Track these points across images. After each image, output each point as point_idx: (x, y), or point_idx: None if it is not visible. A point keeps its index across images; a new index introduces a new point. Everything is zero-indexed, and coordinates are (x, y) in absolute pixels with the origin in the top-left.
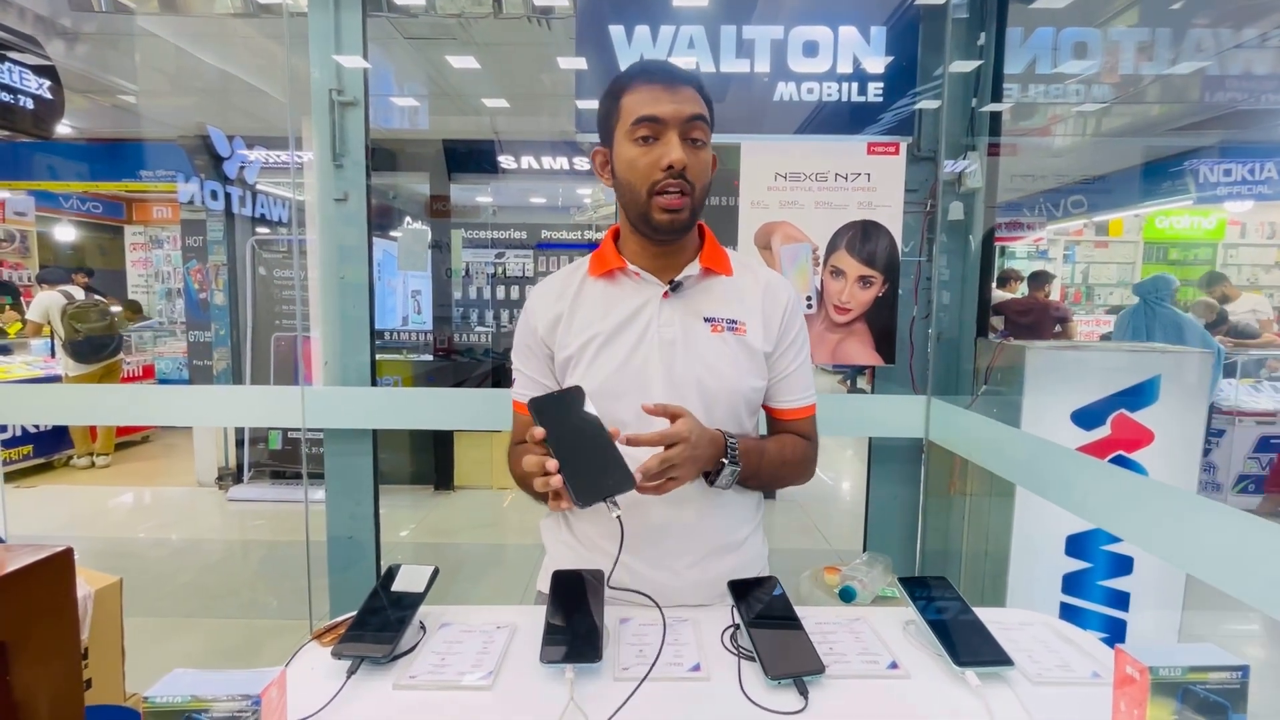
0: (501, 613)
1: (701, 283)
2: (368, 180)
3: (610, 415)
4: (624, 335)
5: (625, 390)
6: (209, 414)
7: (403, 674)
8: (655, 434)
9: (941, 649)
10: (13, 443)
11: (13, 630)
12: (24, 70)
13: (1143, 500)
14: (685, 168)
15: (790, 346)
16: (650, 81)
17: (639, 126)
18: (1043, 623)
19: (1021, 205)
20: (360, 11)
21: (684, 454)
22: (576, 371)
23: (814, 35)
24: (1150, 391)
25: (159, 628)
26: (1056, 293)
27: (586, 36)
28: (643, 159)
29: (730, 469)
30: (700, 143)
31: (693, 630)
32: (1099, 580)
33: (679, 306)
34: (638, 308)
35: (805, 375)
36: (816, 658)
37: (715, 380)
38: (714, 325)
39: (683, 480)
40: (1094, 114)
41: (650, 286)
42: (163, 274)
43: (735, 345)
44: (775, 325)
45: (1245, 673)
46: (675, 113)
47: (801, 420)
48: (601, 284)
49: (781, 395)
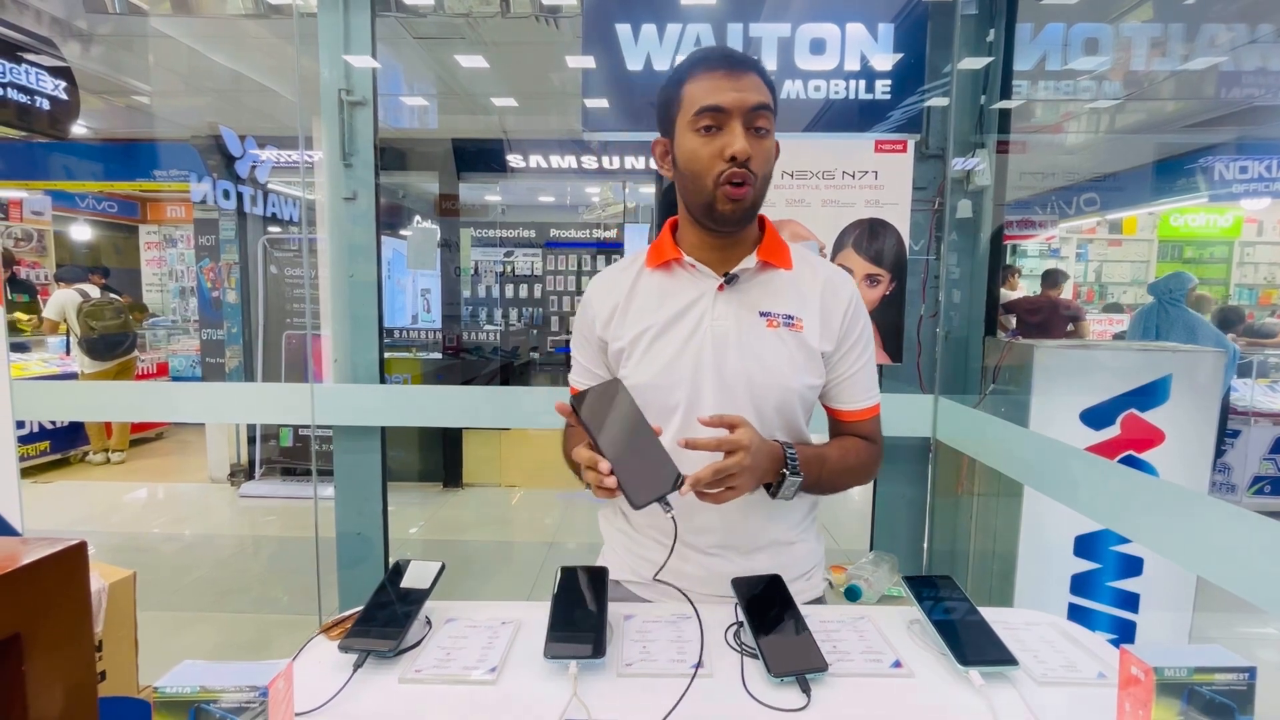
0: (507, 608)
1: (759, 276)
2: (376, 179)
3: (661, 408)
4: (677, 328)
5: (676, 384)
6: (221, 411)
7: (408, 668)
8: (714, 440)
9: (946, 648)
10: (30, 439)
11: (27, 622)
12: (40, 72)
13: (1152, 501)
14: (750, 158)
15: (854, 345)
16: (712, 69)
17: (702, 116)
18: (1049, 623)
19: (1033, 203)
20: (369, 12)
21: (742, 463)
22: (629, 364)
23: (821, 33)
24: (1161, 391)
25: (172, 621)
26: (1069, 291)
27: (593, 35)
28: (705, 149)
29: (792, 480)
30: (764, 131)
31: (697, 627)
32: (1108, 581)
33: (734, 300)
34: (692, 300)
35: (869, 375)
36: (820, 655)
37: (767, 376)
38: (770, 320)
39: (741, 491)
40: (1107, 111)
41: (706, 279)
42: (176, 273)
43: (791, 342)
44: (836, 324)
45: (1252, 674)
46: (738, 101)
47: (865, 422)
48: (658, 276)
49: (844, 396)
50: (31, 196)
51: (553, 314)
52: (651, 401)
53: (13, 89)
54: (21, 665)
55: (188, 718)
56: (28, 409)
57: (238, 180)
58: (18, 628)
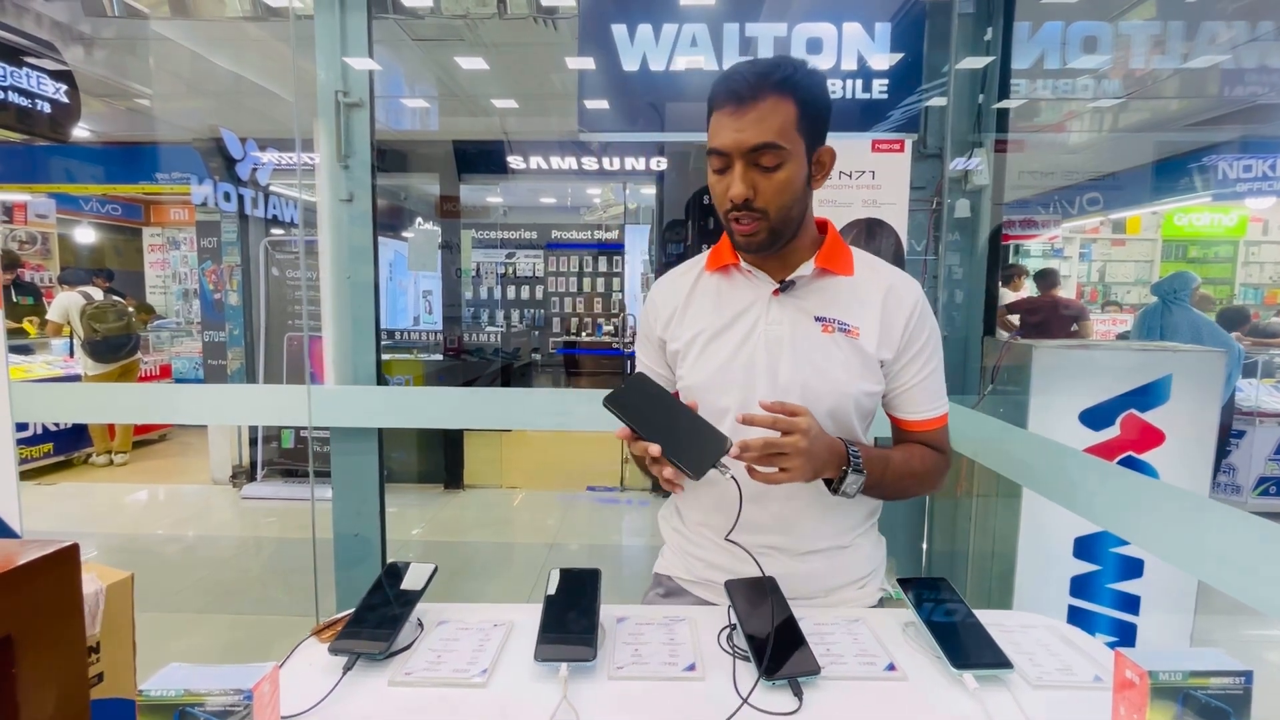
0: (500, 610)
1: (816, 282)
2: (373, 181)
3: (712, 410)
4: (731, 331)
5: (729, 386)
6: (218, 412)
7: (398, 670)
8: (770, 418)
9: (940, 651)
10: (34, 440)
11: (19, 624)
12: (41, 75)
13: (1151, 503)
14: (750, 198)
15: (919, 354)
16: (722, 106)
17: (711, 158)
18: (1046, 626)
19: (1035, 203)
20: (365, 14)
21: (797, 445)
22: (684, 365)
23: (818, 32)
24: (1161, 391)
25: (172, 623)
26: (1072, 291)
27: (589, 36)
28: (718, 186)
29: (855, 477)
30: (773, 167)
31: (690, 630)
32: (1108, 583)
33: (789, 305)
34: (748, 304)
35: (936, 383)
36: (812, 659)
37: (822, 382)
38: (825, 325)
39: (795, 475)
40: (1110, 110)
41: (762, 284)
42: (180, 275)
43: (847, 347)
44: (897, 332)
45: (1249, 678)
46: (738, 144)
47: (931, 431)
48: (716, 279)
49: (908, 405)
50: (35, 199)
51: (554, 315)
52: (704, 403)
53: (14, 92)
54: (13, 667)
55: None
56: (26, 410)
57: (238, 183)
58: (9, 630)
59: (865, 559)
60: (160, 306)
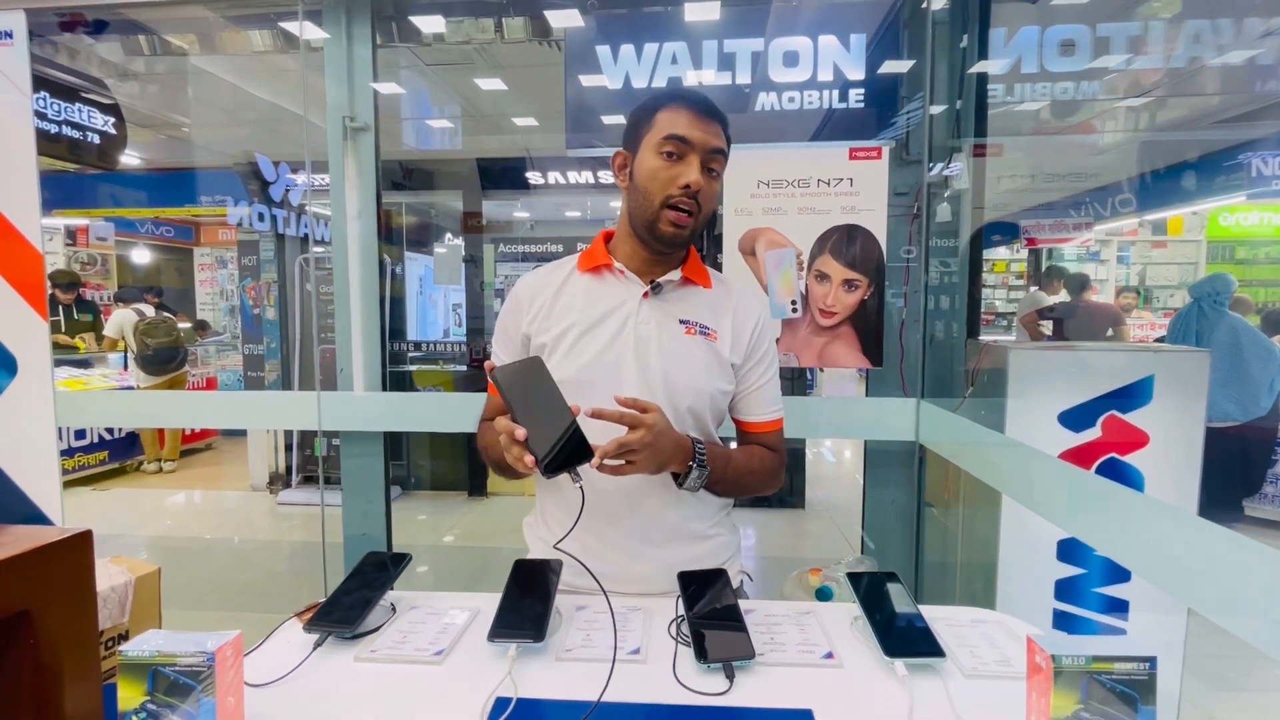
0: (468, 599)
1: (680, 289)
2: (379, 199)
3: (581, 403)
4: (602, 328)
5: (598, 380)
6: (233, 417)
7: (365, 649)
8: (618, 412)
9: (875, 639)
10: (90, 449)
11: (37, 599)
12: (92, 109)
13: (1130, 516)
14: (699, 191)
15: (760, 362)
16: (687, 106)
17: (668, 142)
18: (996, 621)
19: (1066, 205)
20: (370, 44)
21: (643, 440)
22: (552, 359)
23: (793, 45)
24: (1144, 392)
25: (208, 621)
26: (1111, 295)
27: (575, 57)
28: (664, 172)
29: (698, 472)
30: (715, 173)
31: (643, 619)
32: (1094, 587)
33: (657, 307)
34: (618, 304)
35: (773, 390)
36: (748, 644)
37: (684, 378)
38: (688, 328)
39: (640, 468)
40: (1138, 109)
41: (633, 285)
42: (226, 292)
43: (705, 349)
44: (745, 339)
45: (1153, 664)
46: (703, 140)
47: (769, 433)
48: (587, 279)
49: (750, 408)
50: (96, 223)
51: None
52: (572, 396)
53: (67, 126)
54: (31, 638)
55: (147, 678)
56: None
57: (271, 204)
58: (26, 604)
59: (724, 545)
60: (210, 322)
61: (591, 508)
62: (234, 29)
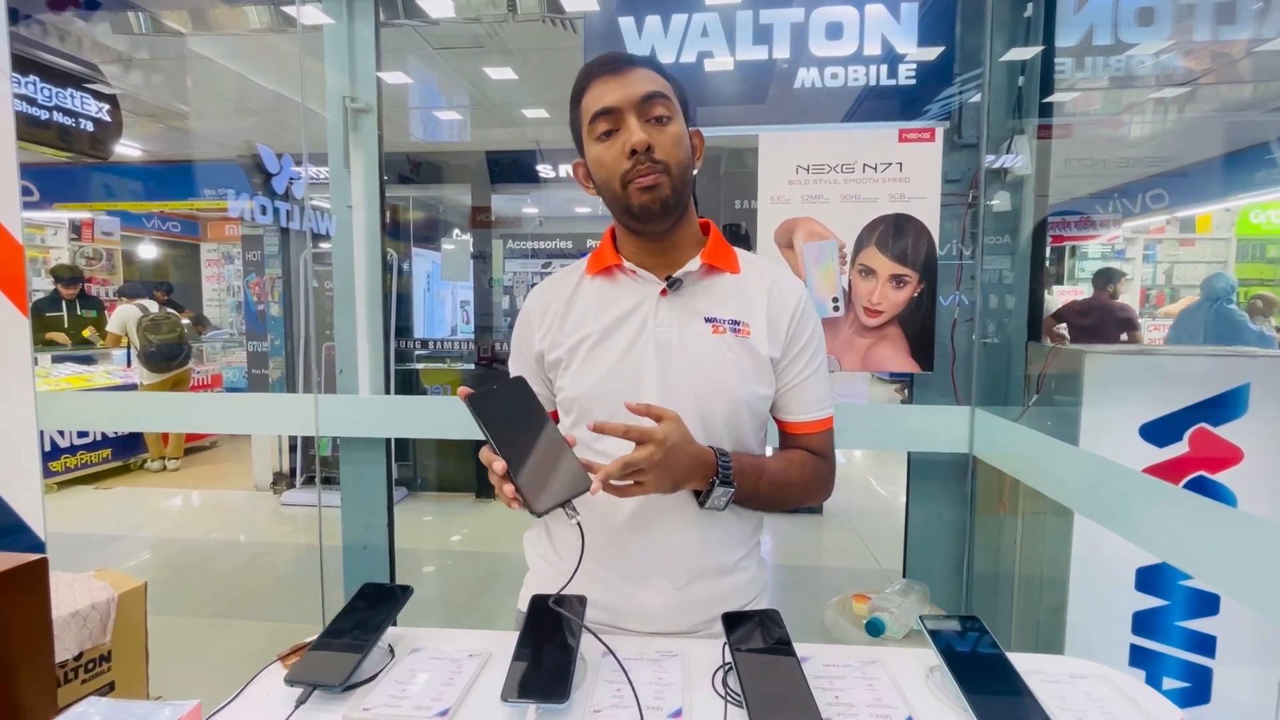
0: (478, 638)
1: (703, 280)
2: (382, 189)
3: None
4: (617, 336)
5: (615, 395)
6: (228, 422)
7: (357, 705)
8: (622, 426)
9: (968, 707)
10: (93, 446)
11: None
12: (84, 95)
13: (1227, 536)
14: (650, 147)
15: (802, 352)
16: (598, 75)
17: (597, 122)
18: (1100, 676)
19: (1092, 201)
20: (374, 21)
21: (651, 458)
22: (566, 374)
23: (838, 16)
24: (1238, 402)
25: (200, 628)
26: (1136, 294)
27: (595, 32)
28: (608, 153)
29: (722, 490)
30: (665, 119)
31: (681, 667)
32: (1177, 620)
33: (678, 305)
34: (633, 306)
35: (819, 385)
36: (814, 710)
37: (714, 386)
38: (715, 326)
39: (649, 489)
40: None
41: (648, 284)
42: (233, 288)
43: (738, 348)
44: (783, 328)
45: None
46: (626, 97)
47: (815, 435)
48: (599, 282)
49: (792, 407)
50: (101, 218)
51: None
52: (588, 413)
53: (58, 112)
54: None
55: None
56: (49, 419)
57: (274, 196)
58: None
59: (752, 581)
60: (215, 318)
61: (594, 529)
62: (227, 4)
